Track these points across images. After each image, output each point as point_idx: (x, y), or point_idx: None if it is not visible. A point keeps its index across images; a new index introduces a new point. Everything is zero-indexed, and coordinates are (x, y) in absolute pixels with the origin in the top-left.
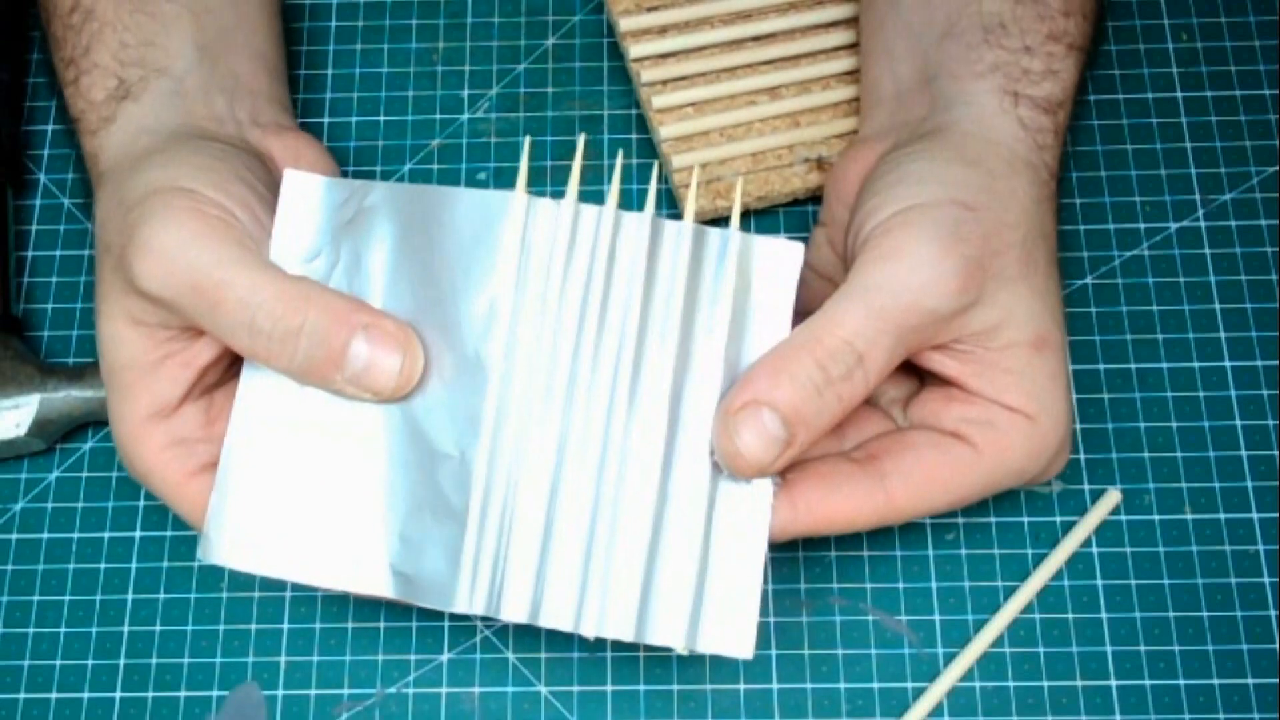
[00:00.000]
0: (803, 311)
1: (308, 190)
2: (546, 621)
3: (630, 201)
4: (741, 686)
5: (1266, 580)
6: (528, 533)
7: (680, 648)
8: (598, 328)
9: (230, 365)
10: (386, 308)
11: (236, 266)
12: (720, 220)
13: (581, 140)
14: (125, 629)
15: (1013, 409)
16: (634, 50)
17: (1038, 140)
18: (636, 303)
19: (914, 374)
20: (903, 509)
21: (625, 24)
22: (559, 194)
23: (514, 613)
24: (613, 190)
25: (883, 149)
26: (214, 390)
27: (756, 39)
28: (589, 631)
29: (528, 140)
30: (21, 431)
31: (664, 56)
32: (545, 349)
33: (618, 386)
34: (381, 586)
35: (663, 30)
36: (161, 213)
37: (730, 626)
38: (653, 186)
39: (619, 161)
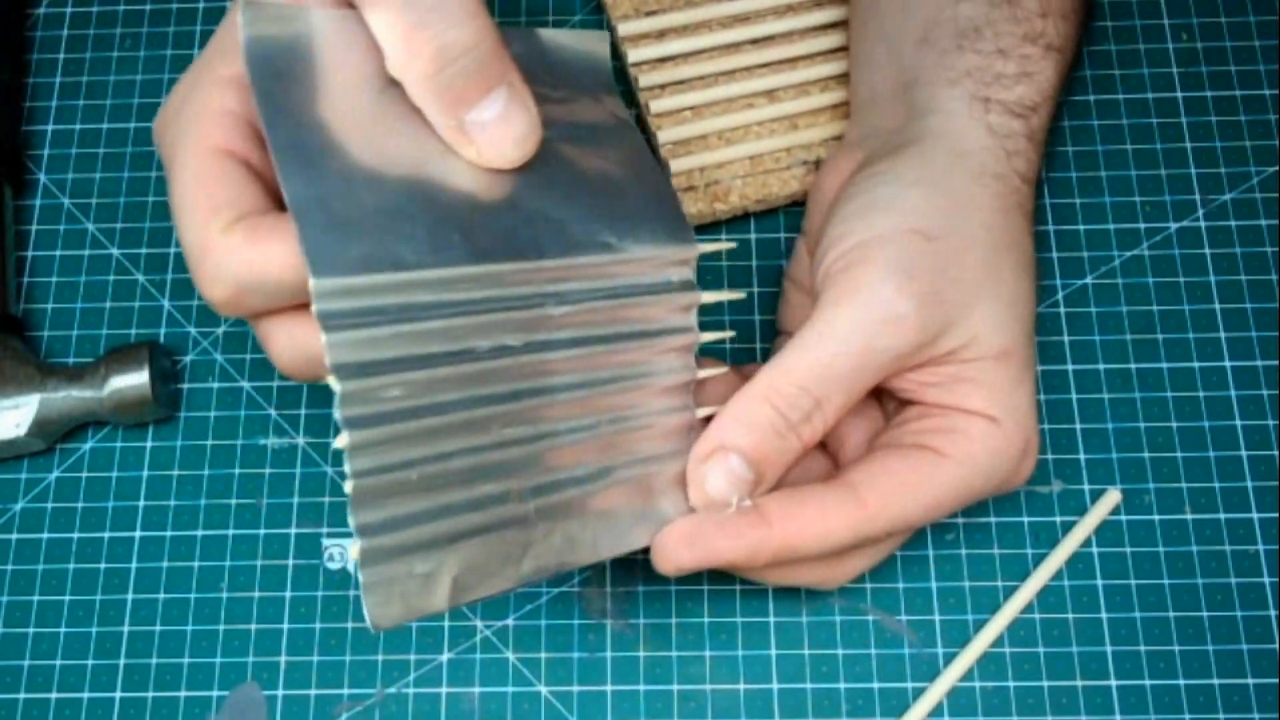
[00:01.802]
0: (785, 330)
1: None
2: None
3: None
4: (741, 686)
5: (1266, 580)
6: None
7: None
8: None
9: None
10: None
11: None
12: (718, 224)
13: None
14: (125, 629)
15: (973, 412)
16: (632, 55)
17: (1007, 147)
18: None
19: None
20: (877, 517)
21: (623, 29)
22: None
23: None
24: None
25: (859, 157)
26: None
27: (754, 42)
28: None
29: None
30: (21, 431)
31: (662, 60)
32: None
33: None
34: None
35: (661, 34)
36: None
37: None
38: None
39: None
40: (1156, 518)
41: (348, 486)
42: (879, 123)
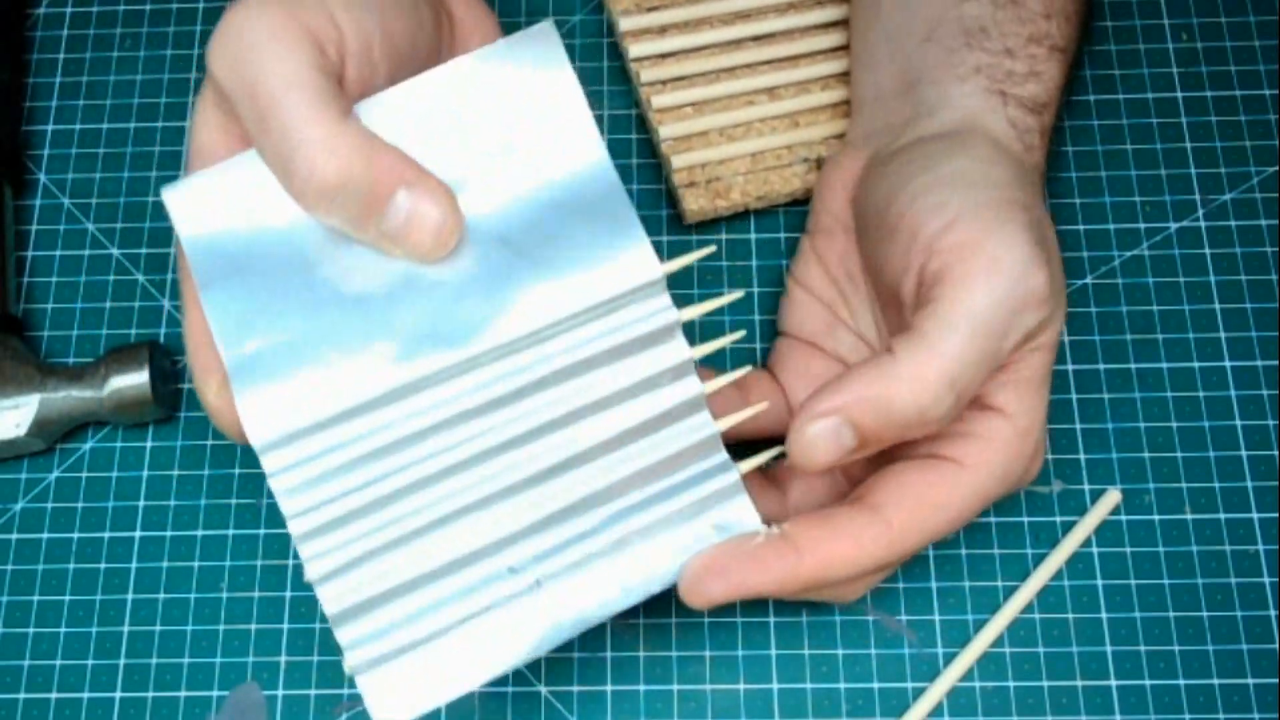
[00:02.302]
0: (787, 331)
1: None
2: None
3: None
4: (741, 686)
5: (1266, 580)
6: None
7: None
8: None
9: None
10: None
11: (299, 92)
12: (719, 220)
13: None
14: (125, 629)
15: (991, 409)
16: (634, 50)
17: (1025, 141)
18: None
19: None
20: (905, 537)
21: (625, 24)
22: None
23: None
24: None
25: (865, 155)
26: None
27: (756, 39)
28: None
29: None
30: (21, 431)
31: (663, 56)
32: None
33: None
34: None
35: (662, 30)
36: (261, 4)
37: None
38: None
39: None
40: (1156, 518)
41: (326, 610)
42: (884, 121)
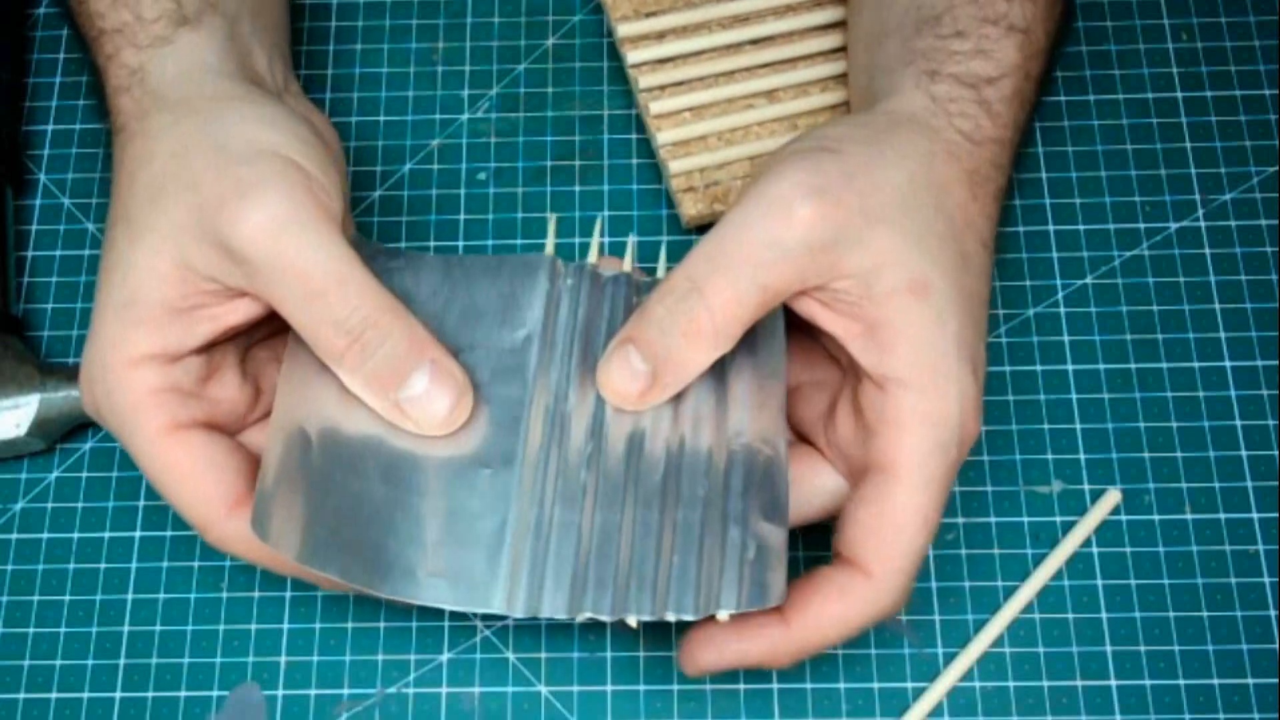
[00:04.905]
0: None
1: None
2: (585, 614)
3: (629, 202)
4: (741, 686)
5: (1266, 580)
6: (564, 536)
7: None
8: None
9: (248, 332)
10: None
11: (347, 264)
12: None
13: (597, 225)
14: (125, 629)
15: (897, 380)
16: (632, 56)
17: (948, 109)
18: None
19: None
20: (884, 575)
21: (623, 30)
22: (559, 193)
23: (553, 609)
24: (592, 249)
25: None
26: (215, 348)
27: (754, 42)
28: (631, 619)
29: (554, 218)
30: (21, 431)
31: (662, 62)
32: (568, 381)
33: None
34: (415, 593)
35: (660, 36)
36: (278, 185)
37: (754, 584)
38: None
39: (597, 228)
40: (1156, 518)
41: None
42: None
